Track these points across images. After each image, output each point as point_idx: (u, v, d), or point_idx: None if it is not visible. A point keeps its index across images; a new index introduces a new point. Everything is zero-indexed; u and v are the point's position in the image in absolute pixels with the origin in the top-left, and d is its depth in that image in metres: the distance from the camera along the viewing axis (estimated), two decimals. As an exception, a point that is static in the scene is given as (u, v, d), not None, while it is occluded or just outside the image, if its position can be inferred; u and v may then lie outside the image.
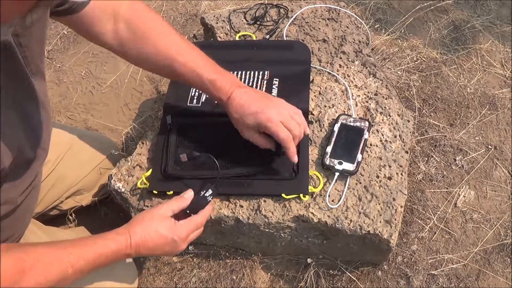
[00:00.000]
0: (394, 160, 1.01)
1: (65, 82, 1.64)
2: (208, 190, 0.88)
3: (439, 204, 1.26)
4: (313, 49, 1.19)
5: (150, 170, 1.00)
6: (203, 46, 0.96)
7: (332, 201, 0.97)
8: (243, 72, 1.11)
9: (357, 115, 1.08)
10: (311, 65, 1.15)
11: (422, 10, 1.71)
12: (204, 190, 0.88)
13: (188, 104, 1.07)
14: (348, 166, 0.97)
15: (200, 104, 1.07)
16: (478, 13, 1.70)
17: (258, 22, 1.27)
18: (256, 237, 1.06)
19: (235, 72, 1.11)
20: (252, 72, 1.11)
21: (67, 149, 1.09)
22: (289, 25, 1.25)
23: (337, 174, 0.97)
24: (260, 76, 1.10)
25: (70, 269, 0.71)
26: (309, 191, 0.96)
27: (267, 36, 1.23)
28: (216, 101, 0.91)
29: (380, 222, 0.95)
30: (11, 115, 0.66)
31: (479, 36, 1.63)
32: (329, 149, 1.00)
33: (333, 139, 1.01)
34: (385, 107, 1.09)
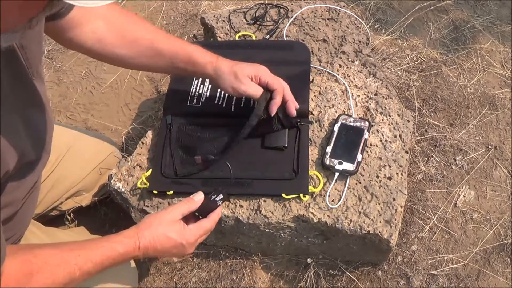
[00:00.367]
0: (394, 160, 1.01)
1: (65, 82, 1.64)
2: (219, 195, 0.88)
3: (439, 204, 1.26)
4: (313, 49, 1.19)
5: (150, 170, 1.00)
6: (203, 46, 0.97)
7: (332, 201, 0.97)
8: (243, 72, 1.11)
9: (357, 115, 1.08)
10: (311, 65, 1.15)
11: (422, 10, 1.71)
12: (215, 195, 0.88)
13: (188, 104, 1.07)
14: (348, 166, 0.97)
15: (200, 104, 1.07)
16: (478, 13, 1.70)
17: (258, 22, 1.26)
18: (256, 237, 1.06)
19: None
20: (252, 72, 1.11)
21: (67, 149, 1.09)
22: (289, 25, 1.25)
23: (337, 174, 0.97)
24: (260, 76, 1.10)
25: (77, 272, 0.71)
26: (309, 191, 0.96)
27: (267, 36, 1.23)
28: (205, 64, 0.94)
29: (380, 222, 0.94)
30: (15, 118, 0.66)
31: (479, 36, 1.63)
32: (329, 149, 1.00)
33: (333, 139, 1.01)
34: (385, 107, 1.09)
